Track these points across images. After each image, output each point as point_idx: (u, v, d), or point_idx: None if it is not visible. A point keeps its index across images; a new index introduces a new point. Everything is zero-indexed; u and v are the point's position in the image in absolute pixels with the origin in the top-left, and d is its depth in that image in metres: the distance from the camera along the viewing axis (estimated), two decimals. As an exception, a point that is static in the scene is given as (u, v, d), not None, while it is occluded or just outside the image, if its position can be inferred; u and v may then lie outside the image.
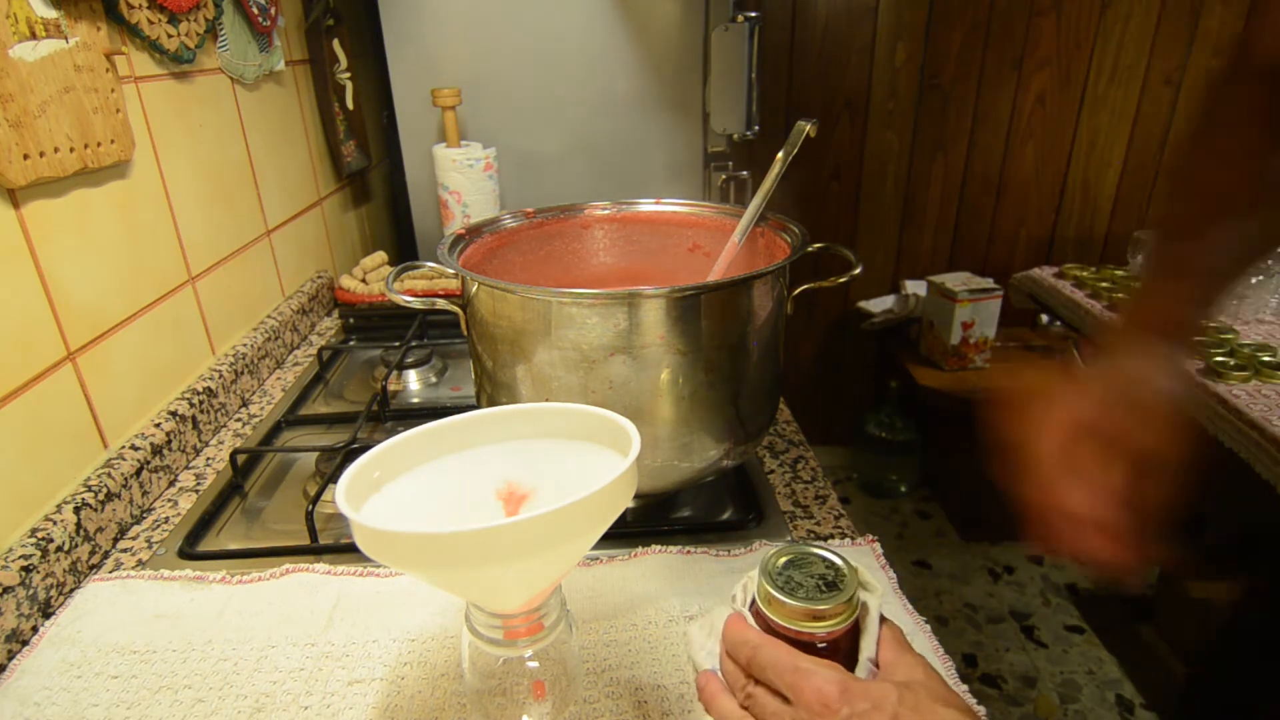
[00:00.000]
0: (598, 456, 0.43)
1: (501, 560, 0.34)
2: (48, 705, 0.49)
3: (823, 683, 0.34)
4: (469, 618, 0.42)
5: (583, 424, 0.44)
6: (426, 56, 1.23)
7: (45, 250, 0.64)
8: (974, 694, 0.48)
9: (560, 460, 0.44)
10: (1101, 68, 1.96)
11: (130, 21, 0.74)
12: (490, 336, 0.62)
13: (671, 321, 0.56)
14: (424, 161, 1.27)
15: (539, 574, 0.39)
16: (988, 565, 2.00)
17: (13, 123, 0.58)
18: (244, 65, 0.97)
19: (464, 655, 0.43)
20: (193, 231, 0.86)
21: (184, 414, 0.79)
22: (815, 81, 1.98)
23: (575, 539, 0.37)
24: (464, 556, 0.34)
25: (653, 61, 1.24)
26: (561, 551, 0.37)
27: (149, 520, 0.70)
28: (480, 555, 0.34)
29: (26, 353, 0.61)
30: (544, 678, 0.43)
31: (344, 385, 0.98)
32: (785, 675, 0.35)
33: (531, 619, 0.41)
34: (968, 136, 2.04)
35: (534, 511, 0.33)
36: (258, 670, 0.52)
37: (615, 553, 0.62)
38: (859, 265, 0.64)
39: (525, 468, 0.44)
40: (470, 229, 0.72)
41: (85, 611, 0.57)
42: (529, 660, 0.42)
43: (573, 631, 0.44)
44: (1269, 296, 1.42)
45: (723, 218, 0.77)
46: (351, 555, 0.64)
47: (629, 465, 0.37)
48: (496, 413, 0.45)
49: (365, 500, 0.40)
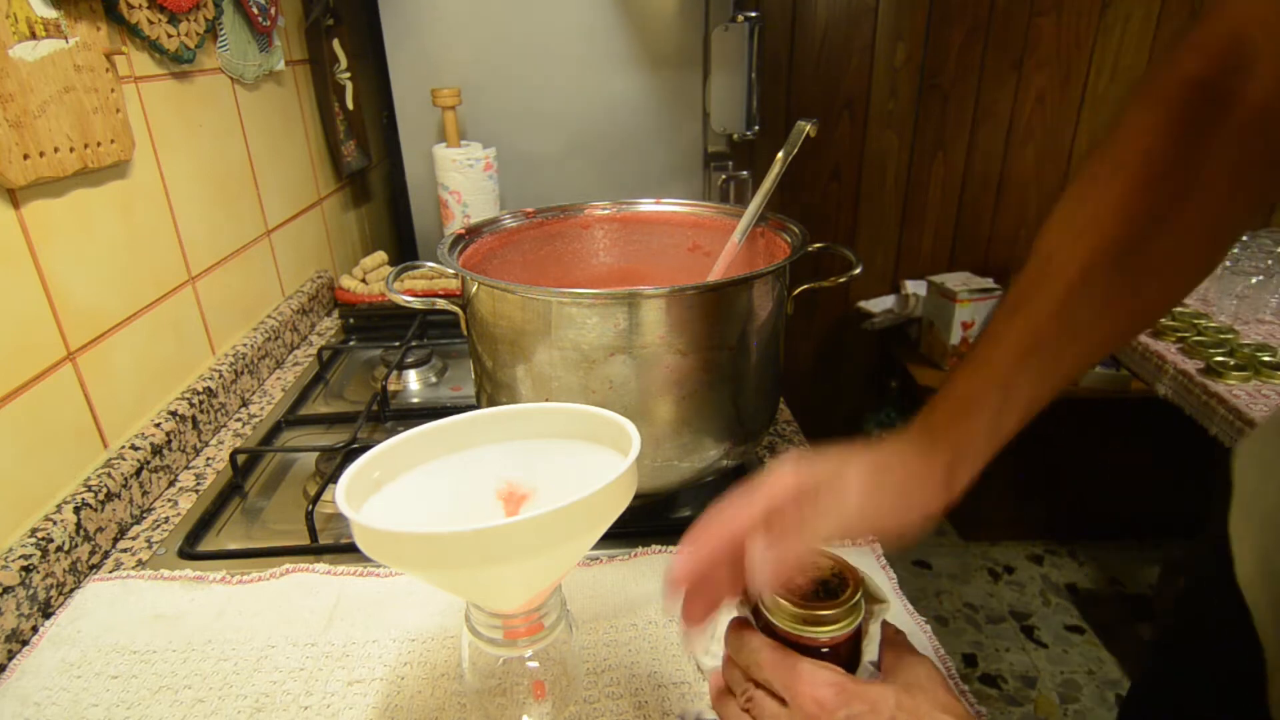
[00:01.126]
0: (598, 456, 0.43)
1: (501, 560, 0.34)
2: (48, 705, 0.49)
3: (820, 685, 0.34)
4: (469, 618, 0.42)
5: (583, 424, 0.44)
6: (426, 56, 1.23)
7: (45, 250, 0.63)
8: (974, 694, 0.48)
9: (560, 460, 0.44)
10: (1101, 68, 1.96)
11: (130, 21, 0.74)
12: (490, 336, 0.62)
13: (671, 321, 0.56)
14: (424, 161, 1.27)
15: (539, 574, 0.38)
16: (988, 565, 2.00)
17: (13, 123, 0.58)
18: (244, 65, 0.97)
19: (464, 655, 0.43)
20: (193, 231, 0.86)
21: (184, 414, 0.79)
22: (815, 81, 1.98)
23: (575, 539, 0.37)
24: (464, 557, 0.34)
25: (653, 61, 1.24)
26: (562, 551, 0.37)
27: (149, 520, 0.70)
28: (480, 555, 0.34)
29: (26, 353, 0.61)
30: (544, 678, 0.43)
31: (344, 385, 0.98)
32: (782, 678, 0.35)
33: (531, 619, 0.41)
34: (968, 136, 2.04)
35: (534, 512, 0.33)
36: (258, 670, 0.52)
37: (615, 553, 0.62)
38: (859, 265, 0.64)
39: (525, 468, 0.44)
40: (470, 229, 0.72)
41: (85, 611, 0.57)
42: (529, 660, 0.42)
43: (573, 631, 0.44)
44: (1269, 296, 1.42)
45: (723, 218, 0.77)
46: (351, 555, 0.64)
47: (629, 465, 0.37)
48: (496, 413, 0.45)
49: (365, 500, 0.40)
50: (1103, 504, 2.02)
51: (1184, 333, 1.33)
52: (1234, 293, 1.43)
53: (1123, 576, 1.94)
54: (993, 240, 2.16)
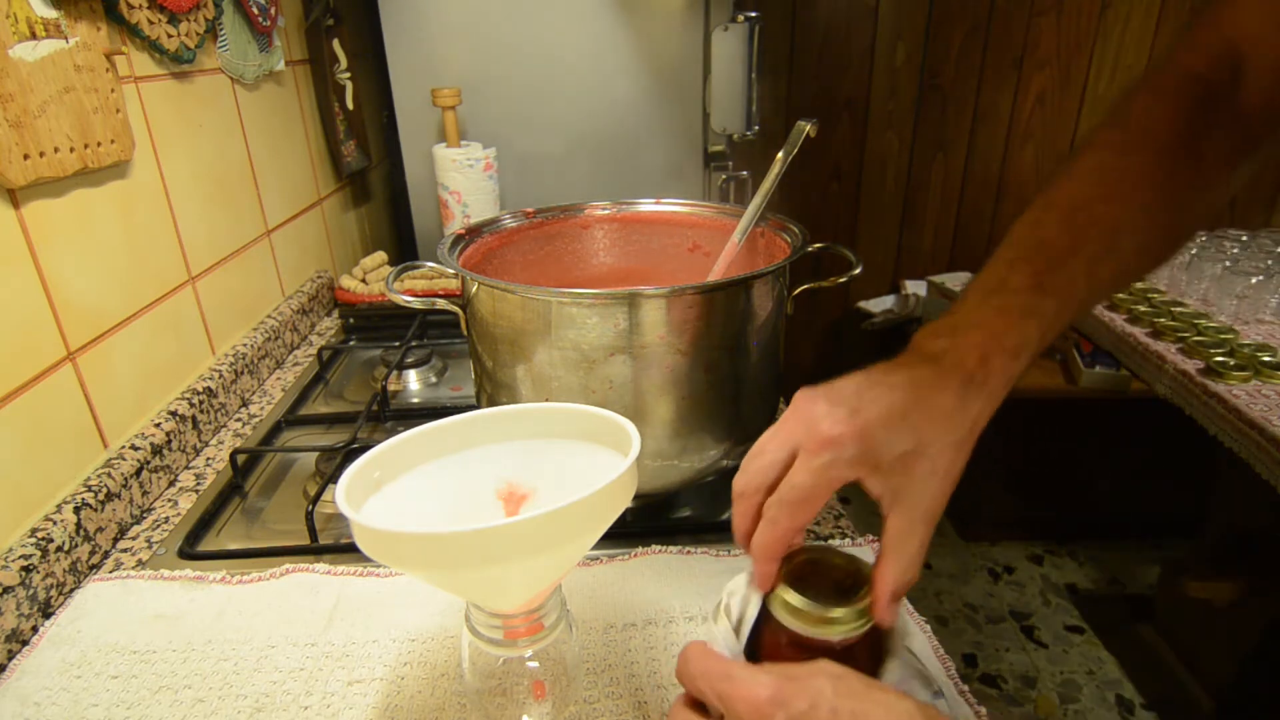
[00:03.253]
0: (598, 456, 0.43)
1: (501, 560, 0.34)
2: (48, 705, 0.49)
3: (753, 688, 0.32)
4: (469, 618, 0.42)
5: (583, 424, 0.44)
6: (426, 56, 1.23)
7: (45, 250, 0.64)
8: (974, 694, 0.48)
9: (560, 460, 0.44)
10: (1101, 68, 1.96)
11: (130, 21, 0.74)
12: (490, 336, 0.62)
13: (671, 321, 0.56)
14: (424, 161, 1.27)
15: (539, 574, 0.38)
16: (988, 565, 2.00)
17: (13, 123, 0.58)
18: (244, 65, 0.97)
19: (464, 655, 0.43)
20: (193, 231, 0.86)
21: (184, 414, 0.79)
22: (815, 81, 1.98)
23: (575, 539, 0.37)
24: (464, 557, 0.34)
25: (653, 61, 1.24)
26: (562, 552, 0.37)
27: (149, 520, 0.70)
28: (480, 555, 0.34)
29: (26, 353, 0.61)
30: (544, 678, 0.43)
31: (344, 385, 0.98)
32: (716, 685, 0.33)
33: (531, 619, 0.41)
34: (968, 137, 2.04)
35: (534, 512, 0.33)
36: (258, 670, 0.52)
37: (615, 552, 0.62)
38: (859, 265, 0.64)
39: (525, 468, 0.44)
40: (470, 229, 0.72)
41: (85, 611, 0.57)
42: (529, 660, 0.42)
43: (573, 632, 0.44)
44: (1269, 296, 1.42)
45: (723, 218, 0.77)
46: (351, 555, 0.64)
47: (629, 465, 0.37)
48: (496, 413, 0.45)
49: (365, 500, 0.40)
50: (1103, 504, 2.02)
51: (1184, 333, 1.33)
52: (1234, 293, 1.43)
53: (1123, 576, 1.94)
54: (993, 240, 2.14)
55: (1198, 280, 1.51)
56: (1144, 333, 1.39)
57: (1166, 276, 1.58)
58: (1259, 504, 1.40)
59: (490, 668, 0.43)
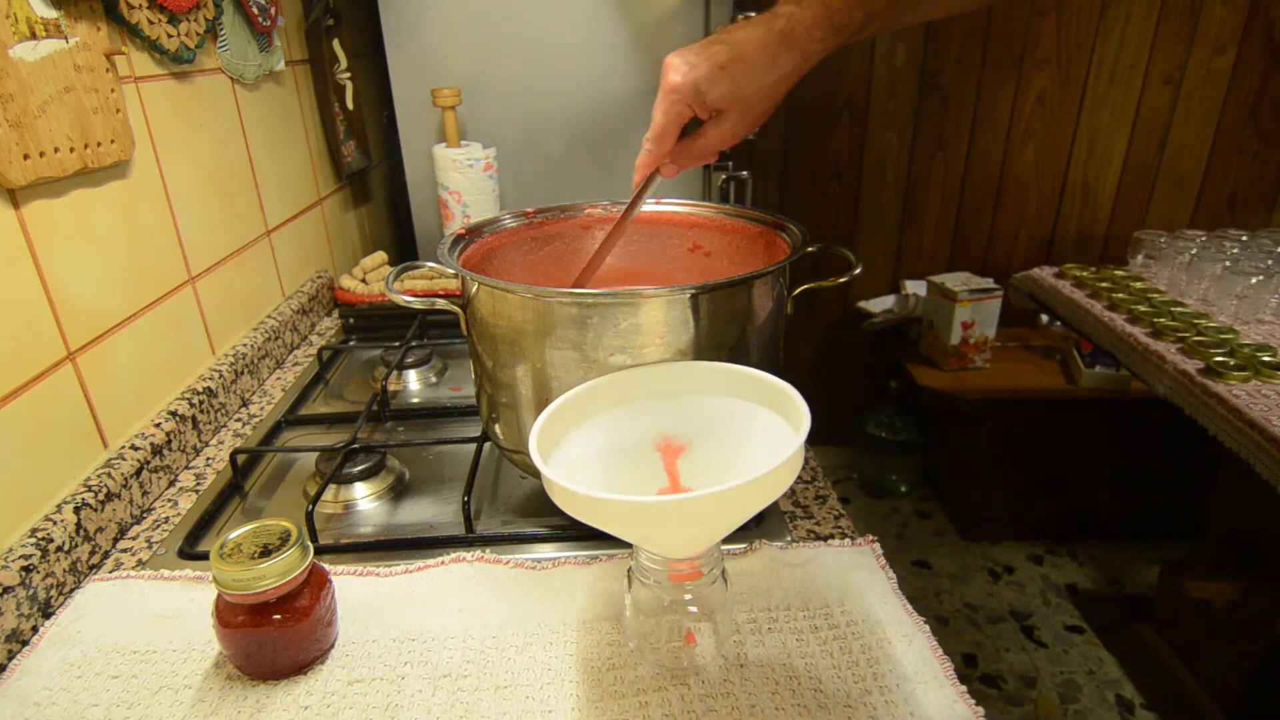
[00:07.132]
0: (751, 413, 0.50)
1: (695, 524, 0.42)
2: (48, 705, 0.49)
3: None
4: (635, 561, 0.49)
5: (740, 383, 0.52)
6: (426, 56, 1.23)
7: (45, 250, 0.64)
8: (974, 694, 0.48)
9: (710, 415, 0.52)
10: (1101, 68, 1.96)
11: (130, 21, 0.74)
12: (490, 336, 0.62)
13: (671, 321, 0.56)
14: (424, 161, 1.27)
15: (715, 531, 0.46)
16: (988, 565, 2.00)
17: (13, 123, 0.58)
18: (244, 65, 0.97)
19: (627, 603, 0.50)
20: (193, 231, 0.86)
21: (184, 414, 0.79)
22: (815, 81, 1.98)
23: (754, 505, 0.44)
24: (665, 519, 0.41)
25: (653, 61, 1.24)
26: (729, 520, 0.44)
27: (149, 520, 0.70)
28: (676, 520, 0.41)
29: (26, 353, 0.61)
30: (700, 619, 0.50)
31: (344, 385, 0.98)
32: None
33: (694, 564, 0.48)
34: (968, 136, 2.04)
35: (717, 488, 0.39)
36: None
37: (615, 552, 0.62)
38: (859, 265, 0.64)
39: (680, 422, 0.53)
40: (470, 229, 0.72)
41: (85, 611, 0.57)
42: (689, 603, 0.49)
43: (727, 584, 0.50)
44: (1269, 296, 1.42)
45: (723, 218, 0.77)
46: (351, 555, 0.64)
47: (799, 446, 0.42)
48: (655, 368, 0.54)
49: (550, 456, 0.48)
50: (1103, 504, 2.02)
51: (1184, 333, 1.33)
52: (1234, 293, 1.43)
53: (1123, 576, 1.94)
54: (993, 240, 2.16)
55: (1198, 280, 1.50)
56: (1144, 333, 1.39)
57: (1167, 277, 1.58)
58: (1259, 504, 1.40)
59: (654, 605, 0.49)
